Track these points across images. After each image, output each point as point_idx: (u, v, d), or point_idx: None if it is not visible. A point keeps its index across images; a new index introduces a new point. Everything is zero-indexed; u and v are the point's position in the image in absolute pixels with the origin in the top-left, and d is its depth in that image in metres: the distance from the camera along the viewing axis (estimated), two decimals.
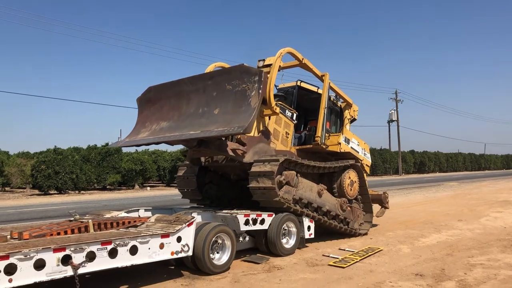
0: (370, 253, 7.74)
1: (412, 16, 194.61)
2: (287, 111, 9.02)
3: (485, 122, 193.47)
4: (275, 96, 8.14)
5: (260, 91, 6.76)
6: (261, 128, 8.30)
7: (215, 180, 9.37)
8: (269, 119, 8.48)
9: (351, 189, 9.57)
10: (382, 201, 11.51)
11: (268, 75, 8.00)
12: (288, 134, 9.04)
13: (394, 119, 60.17)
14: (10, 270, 4.33)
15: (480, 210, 14.32)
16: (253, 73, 6.94)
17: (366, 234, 9.96)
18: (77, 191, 27.28)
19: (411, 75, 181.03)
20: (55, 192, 26.56)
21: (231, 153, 7.61)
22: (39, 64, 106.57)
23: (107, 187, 30.46)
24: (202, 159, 8.93)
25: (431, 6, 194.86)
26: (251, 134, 7.88)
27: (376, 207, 11.07)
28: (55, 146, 28.15)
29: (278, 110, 8.19)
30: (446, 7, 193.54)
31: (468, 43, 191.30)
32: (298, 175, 8.20)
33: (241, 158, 7.77)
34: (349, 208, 9.51)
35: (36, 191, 27.35)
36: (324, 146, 9.36)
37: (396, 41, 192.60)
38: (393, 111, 60.29)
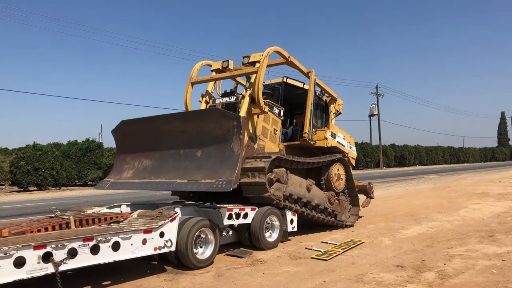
0: (352, 246, 7.84)
1: (393, 16, 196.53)
2: (274, 108, 9.11)
3: (463, 116, 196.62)
4: (262, 93, 8.20)
5: (241, 137, 6.75)
6: (250, 131, 8.33)
7: None
8: (258, 117, 8.54)
9: (338, 182, 9.73)
10: (367, 192, 11.75)
11: (256, 78, 8.10)
12: (276, 130, 9.12)
13: (375, 113, 60.69)
14: None
15: (459, 202, 14.60)
16: (231, 117, 6.91)
17: (352, 225, 10.13)
18: (57, 188, 26.86)
19: (393, 70, 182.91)
20: (35, 188, 26.13)
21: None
22: (15, 59, 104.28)
23: (88, 183, 30.06)
24: None
25: (411, 6, 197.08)
26: None
27: (361, 198, 11.26)
28: (34, 142, 27.68)
29: (267, 109, 8.27)
30: (426, 6, 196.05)
31: (447, 40, 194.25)
32: (288, 171, 8.28)
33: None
34: (336, 201, 9.67)
35: (16, 188, 26.85)
36: (312, 142, 9.48)
37: (378, 39, 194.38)
38: (374, 105, 60.79)
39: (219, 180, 6.55)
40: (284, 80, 10.05)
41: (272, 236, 7.94)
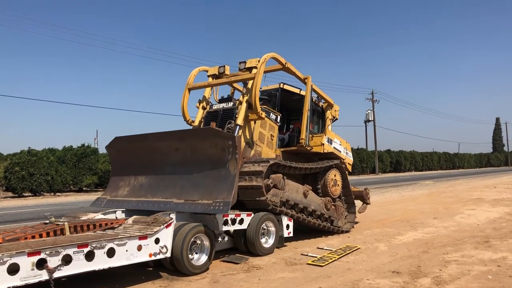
0: (348, 252, 7.83)
1: (387, 21, 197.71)
2: (271, 114, 9.14)
3: (459, 122, 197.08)
4: (259, 99, 8.21)
5: (237, 156, 6.71)
6: (247, 137, 8.33)
7: None
8: (255, 123, 8.56)
9: (335, 188, 9.76)
10: (363, 197, 11.77)
11: (253, 84, 8.12)
12: (273, 136, 9.14)
13: (370, 119, 60.84)
14: None
15: (455, 208, 14.64)
16: (226, 137, 6.90)
17: (348, 231, 10.14)
18: (52, 193, 26.71)
19: (388, 76, 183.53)
20: (30, 194, 25.96)
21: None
22: (12, 63, 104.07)
23: (84, 188, 29.90)
24: None
25: (406, 11, 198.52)
26: None
27: (358, 204, 11.29)
28: (29, 147, 27.55)
29: (263, 115, 8.29)
30: (420, 11, 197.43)
31: (442, 45, 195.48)
32: (285, 177, 8.28)
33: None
34: (333, 206, 9.69)
35: (10, 194, 26.64)
36: (308, 148, 9.51)
37: (374, 44, 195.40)
38: (369, 111, 60.98)
39: (216, 201, 6.54)
40: (281, 86, 10.08)
41: (268, 242, 7.92)
